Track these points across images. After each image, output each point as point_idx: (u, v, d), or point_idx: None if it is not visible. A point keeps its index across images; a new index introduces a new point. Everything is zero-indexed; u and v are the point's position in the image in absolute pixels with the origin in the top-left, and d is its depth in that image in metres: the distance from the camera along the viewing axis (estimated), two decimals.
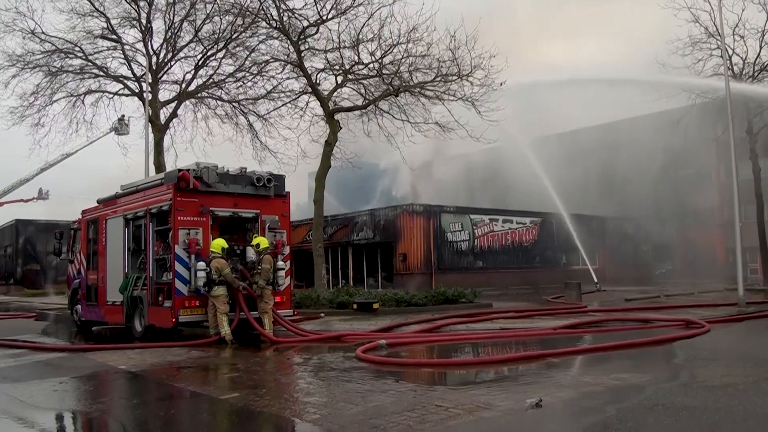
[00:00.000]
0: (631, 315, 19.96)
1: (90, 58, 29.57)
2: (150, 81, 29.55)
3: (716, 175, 49.54)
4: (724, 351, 12.75)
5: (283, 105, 30.15)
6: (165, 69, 30.75)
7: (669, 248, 52.68)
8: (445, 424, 7.16)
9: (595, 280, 36.43)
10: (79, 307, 20.90)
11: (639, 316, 19.15)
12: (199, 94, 31.29)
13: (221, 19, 28.61)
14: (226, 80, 30.71)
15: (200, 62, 30.36)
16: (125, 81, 30.70)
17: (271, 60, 29.23)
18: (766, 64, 33.56)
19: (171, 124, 31.04)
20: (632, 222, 51.14)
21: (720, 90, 27.39)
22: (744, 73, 33.78)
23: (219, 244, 15.72)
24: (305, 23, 26.94)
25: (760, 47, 33.05)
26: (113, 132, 41.48)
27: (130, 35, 30.49)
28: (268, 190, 17.14)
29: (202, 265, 15.44)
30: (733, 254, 24.09)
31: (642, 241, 51.96)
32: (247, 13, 27.36)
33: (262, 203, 17.12)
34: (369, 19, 25.96)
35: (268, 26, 27.61)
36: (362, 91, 28.32)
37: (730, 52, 32.23)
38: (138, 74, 30.42)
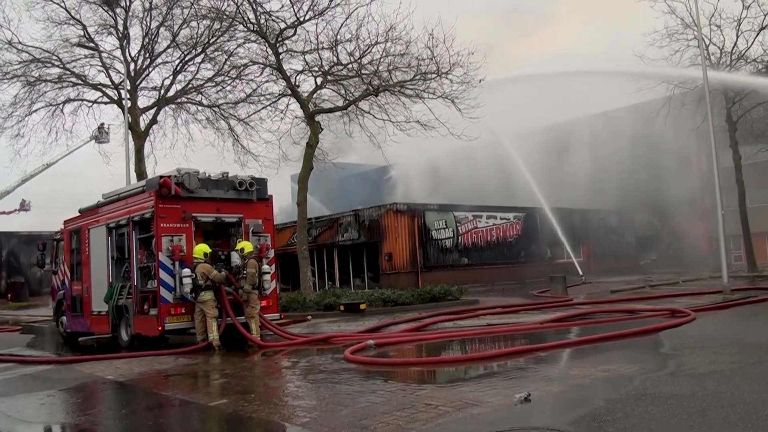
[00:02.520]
0: (617, 306, 20.02)
1: (68, 66, 29.41)
2: (128, 88, 29.37)
3: (697, 165, 49.82)
4: (710, 338, 12.81)
5: (263, 108, 30.11)
6: (143, 75, 30.63)
7: (653, 238, 53.03)
8: (434, 422, 7.16)
9: (580, 273, 36.68)
10: (64, 318, 20.77)
11: (625, 307, 19.23)
12: (179, 100, 31.17)
13: (198, 23, 28.55)
14: (205, 85, 30.61)
15: (178, 67, 30.26)
16: (104, 89, 30.57)
17: (250, 63, 29.18)
18: (743, 52, 33.84)
19: (151, 131, 30.93)
20: (615, 214, 51.43)
21: (699, 79, 27.58)
22: (721, 62, 34.06)
23: (201, 249, 15.68)
24: (283, 25, 26.87)
25: (737, 36, 33.36)
26: (93, 140, 41.10)
27: (108, 42, 30.40)
28: (251, 194, 17.10)
29: (187, 271, 15.38)
30: (716, 242, 24.24)
31: (626, 232, 52.27)
32: (224, 16, 27.26)
33: (245, 207, 17.08)
34: (347, 19, 25.95)
35: (245, 29, 27.52)
36: (342, 91, 28.30)
37: (707, 42, 32.48)
38: (116, 81, 30.27)
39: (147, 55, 30.09)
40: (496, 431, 6.61)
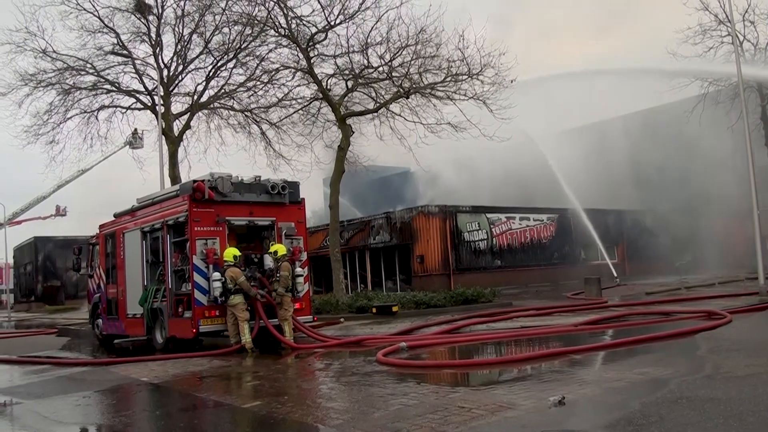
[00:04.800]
0: (652, 308, 19.78)
1: (102, 74, 29.82)
2: (162, 94, 29.73)
3: (732, 164, 49.07)
4: (746, 341, 12.61)
5: (294, 112, 30.29)
6: (176, 81, 30.96)
7: (688, 239, 52.26)
8: (468, 425, 7.13)
9: (615, 275, 36.31)
10: (100, 321, 21.03)
11: (660, 309, 18.99)
12: (212, 105, 31.47)
13: (230, 29, 28.83)
14: (238, 90, 30.88)
15: (211, 73, 30.57)
16: (137, 95, 30.96)
17: (281, 68, 29.37)
18: None
19: (185, 136, 31.23)
20: (650, 214, 50.81)
21: (732, 75, 27.23)
22: (756, 59, 33.64)
23: (230, 252, 15.74)
24: (313, 30, 27.03)
25: None
26: (128, 146, 41.58)
27: (141, 50, 30.75)
28: (283, 197, 17.17)
29: (217, 275, 15.45)
30: (752, 243, 23.82)
31: (660, 232, 51.60)
32: (256, 22, 27.46)
33: (277, 211, 17.16)
34: (377, 22, 26.02)
35: (276, 34, 27.70)
36: (373, 94, 28.36)
37: (741, 38, 32.08)
38: (150, 88, 30.67)
39: (180, 61, 30.43)
40: None
